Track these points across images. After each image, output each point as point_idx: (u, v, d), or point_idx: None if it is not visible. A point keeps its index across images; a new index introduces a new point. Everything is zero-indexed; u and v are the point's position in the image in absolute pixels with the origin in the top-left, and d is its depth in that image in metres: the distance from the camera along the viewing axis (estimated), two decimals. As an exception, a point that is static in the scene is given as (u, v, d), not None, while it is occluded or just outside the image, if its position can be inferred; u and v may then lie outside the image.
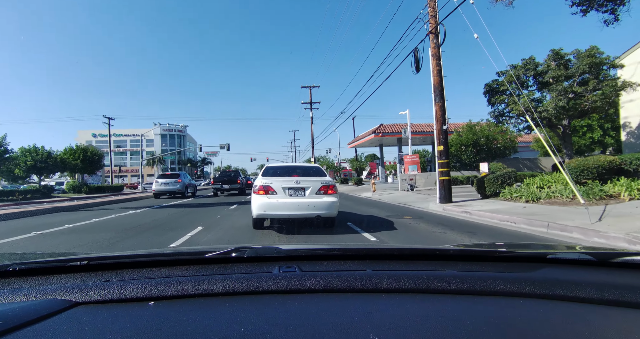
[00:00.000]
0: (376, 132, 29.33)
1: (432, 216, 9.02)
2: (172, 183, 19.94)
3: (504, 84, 12.97)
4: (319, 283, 0.98)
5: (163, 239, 6.18)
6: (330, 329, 0.74)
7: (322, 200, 6.20)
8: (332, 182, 6.48)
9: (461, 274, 1.06)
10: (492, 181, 11.39)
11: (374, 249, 1.55)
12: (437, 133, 10.99)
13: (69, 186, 33.30)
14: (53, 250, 5.64)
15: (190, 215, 10.15)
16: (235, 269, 1.20)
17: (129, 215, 10.71)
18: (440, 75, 10.75)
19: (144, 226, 7.99)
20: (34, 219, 10.42)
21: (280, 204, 6.13)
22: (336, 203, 6.34)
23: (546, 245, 2.06)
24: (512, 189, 10.68)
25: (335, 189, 6.48)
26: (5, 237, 6.83)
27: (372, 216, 8.95)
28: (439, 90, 10.79)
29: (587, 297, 0.91)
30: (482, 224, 7.30)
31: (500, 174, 11.33)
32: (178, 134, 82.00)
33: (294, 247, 1.36)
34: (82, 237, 6.69)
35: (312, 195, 6.22)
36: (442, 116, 10.81)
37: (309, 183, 6.28)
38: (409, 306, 0.89)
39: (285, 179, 6.36)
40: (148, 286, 0.95)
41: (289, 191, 6.24)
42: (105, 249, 5.51)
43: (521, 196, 10.07)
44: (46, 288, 0.95)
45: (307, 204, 6.12)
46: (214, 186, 23.54)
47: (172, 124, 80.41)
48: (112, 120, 46.58)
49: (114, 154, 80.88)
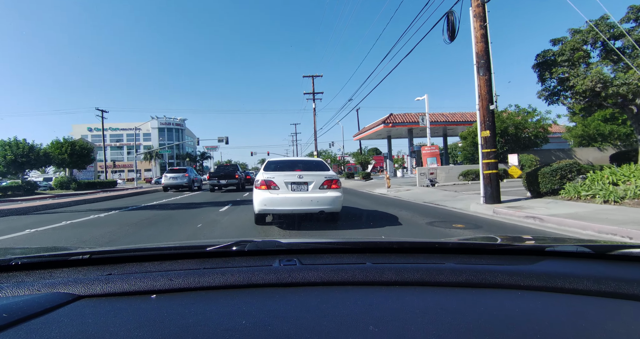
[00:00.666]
0: (386, 122, 27.00)
1: (486, 222, 6.76)
2: (180, 177, 21.26)
3: (563, 53, 10.45)
4: (319, 276, 0.98)
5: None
6: (331, 322, 0.74)
7: (326, 195, 6.07)
8: (335, 177, 6.36)
9: (460, 267, 1.05)
10: (548, 176, 9.10)
11: (374, 242, 1.54)
12: (482, 114, 8.68)
13: (56, 182, 31.19)
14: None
15: (158, 225, 7.89)
16: (236, 263, 1.20)
17: (79, 223, 8.51)
18: (485, 40, 8.42)
19: (66, 244, 5.79)
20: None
21: (282, 199, 6.01)
22: (340, 198, 6.22)
23: (544, 238, 1.93)
24: (577, 186, 8.40)
25: (339, 184, 6.35)
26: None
27: (403, 221, 6.72)
28: (484, 59, 8.47)
29: (584, 289, 0.92)
30: (574, 239, 5.07)
31: (559, 167, 9.03)
32: (176, 128, 79.57)
33: (294, 241, 1.40)
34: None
35: (315, 190, 6.12)
36: (489, 92, 8.49)
37: (312, 177, 6.17)
38: (409, 299, 0.89)
39: (287, 174, 6.25)
40: (150, 280, 0.95)
41: (292, 185, 6.12)
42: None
43: (594, 194, 7.81)
44: (49, 282, 0.95)
45: (310, 199, 5.99)
46: (210, 181, 21.41)
47: (169, 118, 78.05)
48: (106, 113, 44.30)
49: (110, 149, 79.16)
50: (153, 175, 70.92)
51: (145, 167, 74.65)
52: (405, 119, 27.39)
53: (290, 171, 6.41)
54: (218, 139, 44.35)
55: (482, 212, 8.02)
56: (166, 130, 77.93)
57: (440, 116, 28.00)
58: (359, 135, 37.01)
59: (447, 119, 27.60)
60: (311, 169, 6.66)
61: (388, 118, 27.33)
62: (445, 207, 9.60)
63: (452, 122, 27.54)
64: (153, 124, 76.34)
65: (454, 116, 27.89)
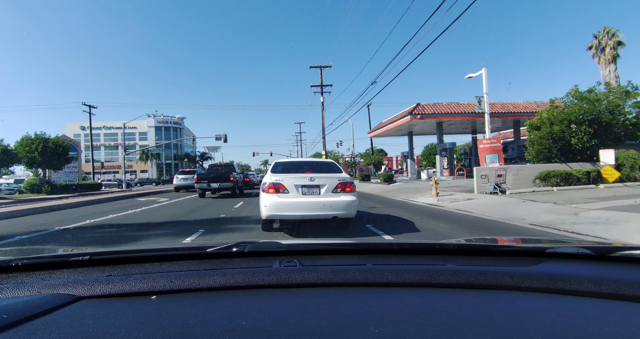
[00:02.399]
0: (413, 113, 22.39)
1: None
2: (190, 179, 22.17)
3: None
4: (319, 277, 0.98)
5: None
6: (331, 323, 0.74)
7: (340, 199, 5.72)
8: (349, 179, 5.96)
9: (461, 269, 1.05)
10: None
11: (374, 244, 1.52)
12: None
13: (26, 185, 26.89)
14: None
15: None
16: (236, 264, 1.19)
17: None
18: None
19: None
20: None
21: (292, 203, 5.65)
22: (355, 202, 5.85)
23: (545, 240, 1.93)
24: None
25: (354, 187, 5.96)
26: None
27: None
28: None
29: (585, 291, 0.91)
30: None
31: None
32: (174, 127, 75.09)
33: (294, 242, 1.38)
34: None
35: (328, 193, 5.76)
36: None
37: (324, 180, 5.81)
38: (409, 300, 0.89)
39: (297, 176, 5.86)
40: (150, 281, 0.94)
41: (303, 189, 5.74)
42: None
43: None
44: (49, 283, 0.94)
45: (322, 204, 5.64)
46: (198, 185, 16.97)
47: (167, 116, 73.83)
48: (95, 108, 39.83)
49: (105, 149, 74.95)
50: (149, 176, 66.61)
51: (141, 168, 70.39)
52: (436, 109, 22.76)
53: (299, 173, 6.03)
54: (216, 137, 40.10)
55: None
56: (163, 129, 73.43)
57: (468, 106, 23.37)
58: (374, 131, 32.40)
59: (509, 109, 22.80)
60: (322, 171, 6.26)
61: (415, 108, 22.71)
62: (607, 239, 5.06)
63: (517, 114, 22.69)
64: (150, 123, 72.14)
65: (517, 106, 23.10)
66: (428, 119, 22.62)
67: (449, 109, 22.85)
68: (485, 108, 13.30)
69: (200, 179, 16.86)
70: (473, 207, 9.48)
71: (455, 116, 22.80)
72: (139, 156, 66.90)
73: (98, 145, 72.79)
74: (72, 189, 28.57)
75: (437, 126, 24.93)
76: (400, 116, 24.49)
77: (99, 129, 72.09)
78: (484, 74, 13.26)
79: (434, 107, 23.05)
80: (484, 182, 12.31)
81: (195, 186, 17.30)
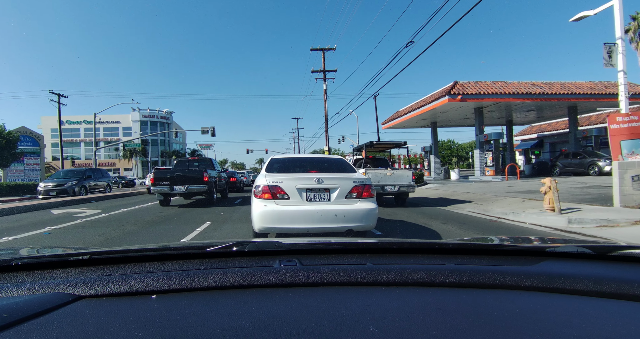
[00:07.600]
0: (451, 93, 17.08)
1: None
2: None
3: None
4: (319, 276, 0.97)
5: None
6: (331, 322, 0.73)
7: (356, 207, 4.46)
8: (368, 181, 4.65)
9: (460, 268, 1.04)
10: None
11: (374, 243, 1.53)
12: None
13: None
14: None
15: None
16: (236, 263, 1.18)
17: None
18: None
19: None
20: None
21: (294, 213, 4.37)
22: (375, 211, 4.59)
23: (545, 239, 1.82)
24: None
25: (373, 191, 4.74)
26: None
27: None
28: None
29: (585, 290, 0.91)
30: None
31: None
32: (161, 122, 69.20)
33: (294, 241, 1.37)
34: None
35: (340, 199, 4.49)
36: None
37: (336, 182, 4.52)
38: (409, 299, 0.88)
39: (300, 177, 4.58)
40: (150, 280, 0.94)
41: (307, 193, 4.47)
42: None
43: None
44: (49, 282, 0.93)
45: (334, 213, 4.38)
46: (155, 188, 11.64)
47: (153, 110, 67.91)
48: (64, 97, 33.99)
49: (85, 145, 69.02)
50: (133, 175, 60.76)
51: (125, 166, 64.56)
52: (480, 89, 17.48)
53: (303, 172, 4.88)
54: (202, 130, 34.95)
55: None
56: (149, 123, 67.53)
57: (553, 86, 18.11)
58: (389, 122, 27.07)
59: (571, 90, 17.64)
60: (331, 170, 5.07)
61: (454, 87, 17.42)
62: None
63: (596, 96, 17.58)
64: (134, 117, 66.25)
65: (580, 87, 18.09)
66: (471, 100, 17.34)
67: (495, 89, 17.59)
68: (619, 64, 8.07)
69: (157, 180, 11.48)
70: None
71: (511, 98, 17.41)
72: (122, 153, 61.09)
73: (77, 141, 66.84)
74: (21, 190, 23.07)
75: (476, 112, 19.66)
76: (431, 99, 19.17)
77: (79, 123, 66.11)
78: (616, 4, 8.03)
79: (477, 86, 17.78)
80: (634, 187, 7.04)
81: (152, 189, 11.93)
